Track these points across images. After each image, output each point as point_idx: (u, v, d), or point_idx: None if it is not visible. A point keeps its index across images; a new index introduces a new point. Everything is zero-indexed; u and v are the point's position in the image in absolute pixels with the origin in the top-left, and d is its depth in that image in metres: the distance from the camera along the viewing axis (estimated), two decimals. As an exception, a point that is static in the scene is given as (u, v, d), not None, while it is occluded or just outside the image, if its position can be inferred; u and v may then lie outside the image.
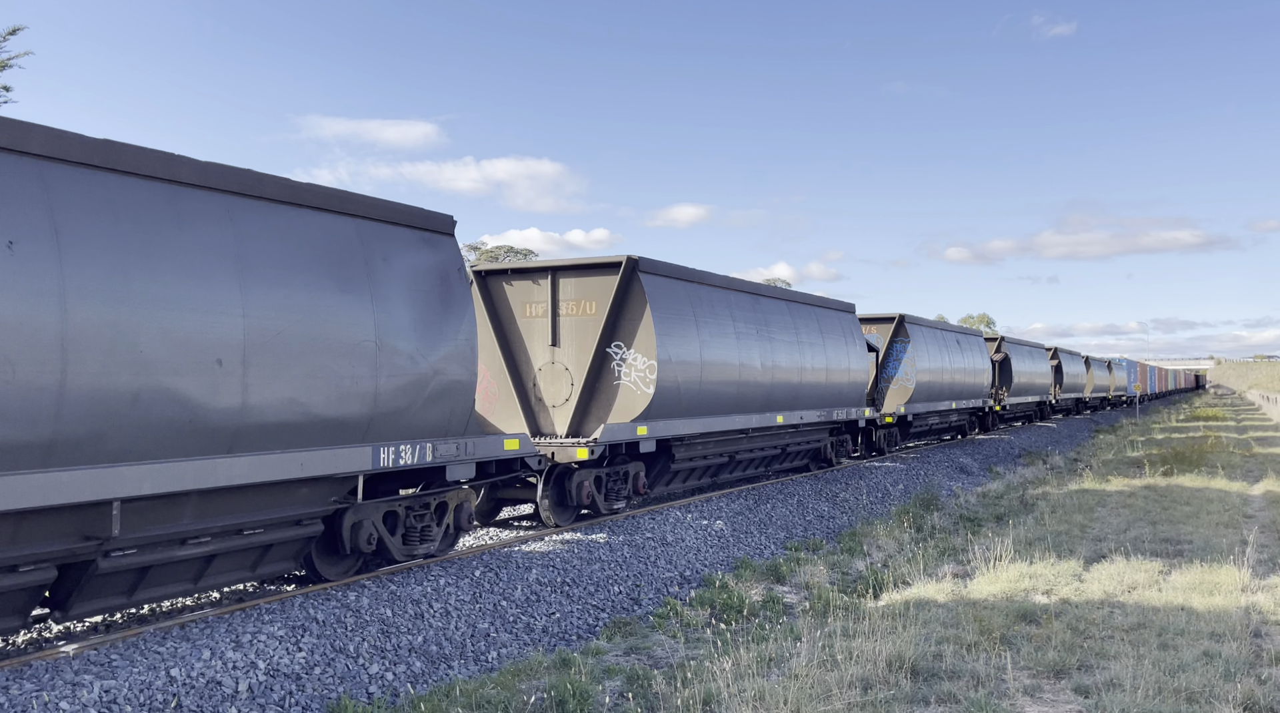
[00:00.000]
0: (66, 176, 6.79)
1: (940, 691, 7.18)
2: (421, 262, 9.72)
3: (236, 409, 7.74)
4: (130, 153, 7.24)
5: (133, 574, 7.78)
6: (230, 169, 8.01)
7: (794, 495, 17.64)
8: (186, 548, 7.95)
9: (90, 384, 6.75)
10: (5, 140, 6.47)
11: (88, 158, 6.94)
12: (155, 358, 7.14)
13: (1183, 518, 15.76)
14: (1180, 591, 10.38)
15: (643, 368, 13.25)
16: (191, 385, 7.40)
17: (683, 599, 11.35)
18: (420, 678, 8.29)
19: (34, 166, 6.62)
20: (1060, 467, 26.97)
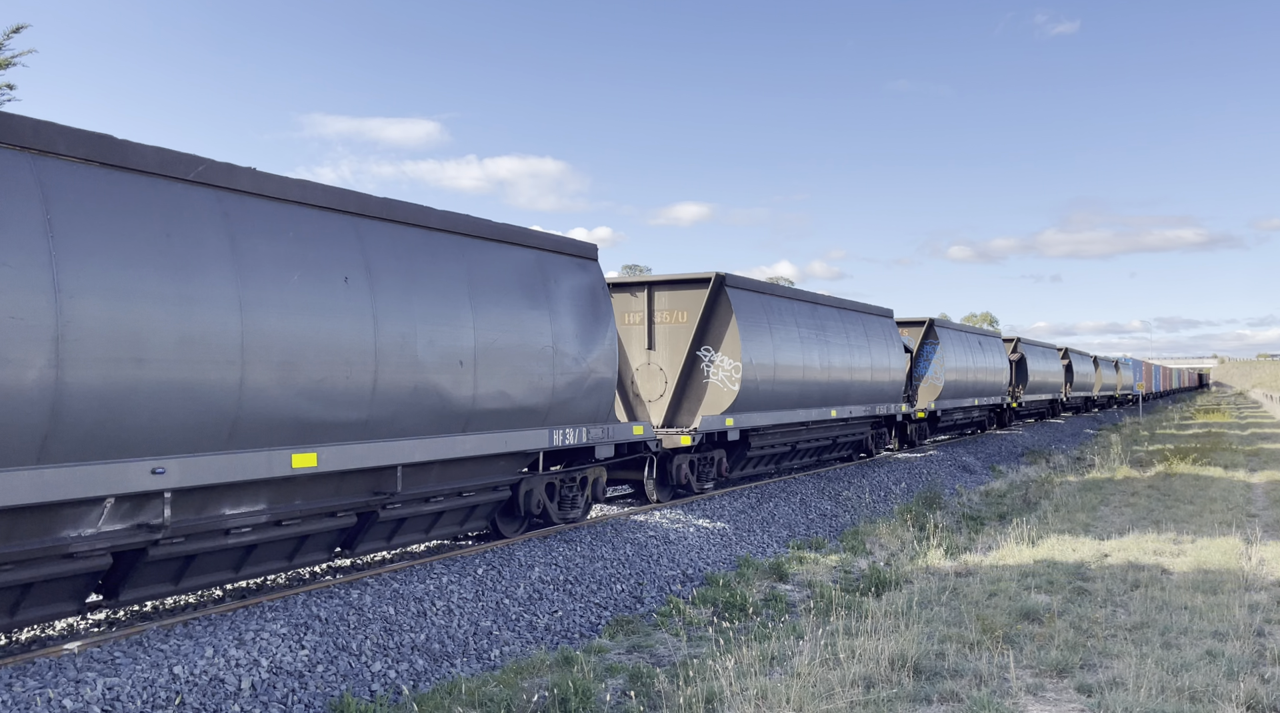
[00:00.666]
0: (370, 227, 9.37)
1: (943, 689, 7.17)
2: (578, 282, 12.11)
3: (470, 399, 10.16)
4: (402, 207, 9.78)
5: (392, 524, 10.10)
6: (463, 216, 10.53)
7: (796, 494, 17.64)
8: (429, 504, 10.31)
9: (390, 380, 9.18)
10: (332, 203, 9.01)
11: (382, 213, 9.52)
12: (425, 361, 9.53)
13: (1186, 516, 15.74)
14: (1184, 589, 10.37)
15: (729, 369, 15.56)
16: (445, 381, 9.80)
17: (685, 598, 11.35)
18: (423, 676, 8.30)
19: (352, 223, 9.15)
20: (1063, 466, 26.94)
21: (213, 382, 7.66)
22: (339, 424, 8.71)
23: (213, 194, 7.95)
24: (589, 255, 12.57)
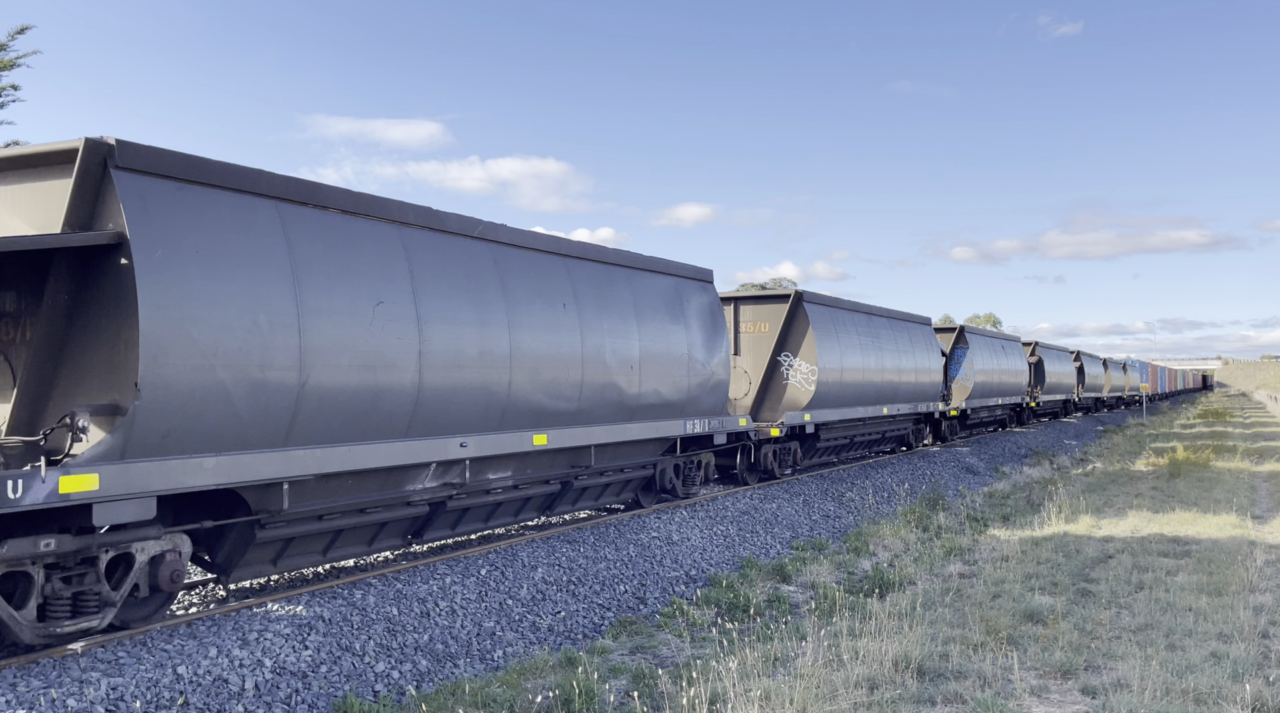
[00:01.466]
0: (576, 265, 12.34)
1: (947, 691, 7.16)
2: (702, 301, 14.95)
3: (636, 395, 13.06)
4: (594, 249, 12.85)
5: (578, 492, 12.93)
6: (631, 254, 13.64)
7: (800, 495, 17.63)
8: (603, 477, 13.17)
9: (591, 379, 12.10)
10: (553, 248, 11.95)
11: (581, 253, 12.52)
12: (610, 365, 12.43)
13: (1190, 519, 15.71)
14: (1188, 591, 10.35)
15: (805, 372, 18.52)
16: (621, 381, 12.70)
17: (689, 599, 11.35)
18: (426, 676, 8.30)
19: (564, 263, 12.12)
20: (1067, 468, 26.90)
21: (495, 382, 10.58)
22: (560, 413, 11.70)
23: (488, 246, 10.87)
24: (708, 279, 15.50)
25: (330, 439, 8.69)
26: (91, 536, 7.21)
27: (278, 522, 8.61)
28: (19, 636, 6.95)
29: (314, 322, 8.40)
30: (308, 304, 8.38)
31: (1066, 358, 45.77)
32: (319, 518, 9.06)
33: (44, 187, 7.43)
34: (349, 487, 9.25)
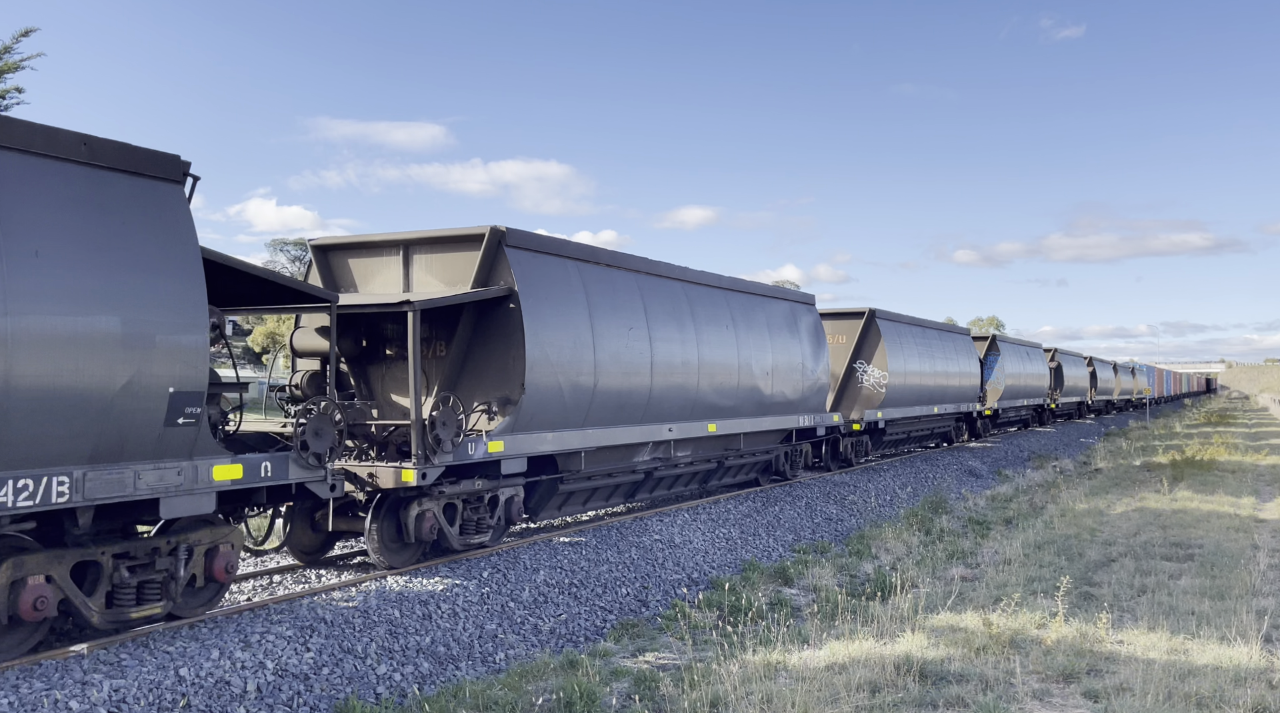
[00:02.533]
0: (733, 296, 16.14)
1: (948, 694, 7.15)
2: (808, 321, 18.78)
3: (769, 394, 16.76)
4: (742, 283, 16.82)
5: (725, 471, 16.59)
6: (764, 285, 17.90)
7: (802, 498, 17.62)
8: (744, 459, 16.93)
9: (742, 383, 15.80)
10: (718, 284, 15.88)
11: (732, 286, 16.32)
12: (754, 372, 16.15)
13: (1193, 521, 15.69)
14: (1191, 594, 10.33)
15: (878, 377, 21.98)
16: (761, 384, 16.49)
17: (690, 601, 11.34)
18: (428, 679, 8.30)
19: (724, 295, 15.90)
20: (1070, 471, 26.87)
21: (688, 384, 14.31)
22: (723, 407, 15.35)
23: (681, 285, 14.76)
24: (812, 302, 19.45)
25: (605, 423, 12.65)
26: (496, 480, 11.23)
27: (572, 479, 12.53)
28: (452, 544, 10.75)
29: (601, 342, 12.33)
30: (597, 330, 12.24)
31: (1081, 363, 49.17)
32: (589, 478, 12.93)
33: (454, 257, 11.34)
34: (605, 457, 13.08)
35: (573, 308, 11.86)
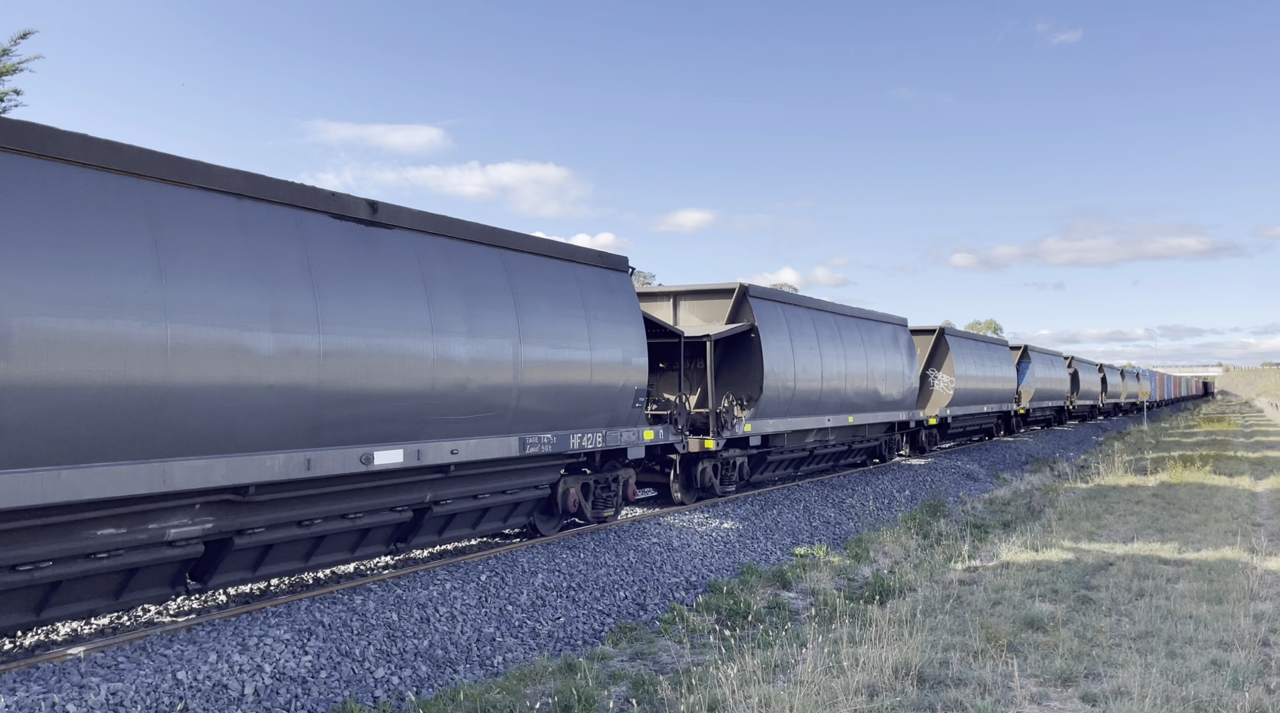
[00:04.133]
0: (862, 323, 21.65)
1: (947, 698, 7.15)
2: (904, 337, 23.55)
3: (884, 394, 21.70)
4: (864, 311, 21.79)
5: (850, 454, 21.79)
6: (875, 311, 22.52)
7: (800, 501, 17.62)
8: (861, 445, 21.99)
9: (868, 386, 20.85)
10: (849, 312, 21.13)
11: (859, 315, 21.46)
12: (874, 376, 21.00)
13: (1191, 525, 15.69)
14: (1189, 598, 10.33)
15: (946, 381, 27.67)
16: (879, 387, 21.31)
17: (688, 605, 11.33)
18: (426, 682, 8.29)
19: (854, 322, 21.08)
20: (1068, 474, 26.90)
21: (842, 387, 19.37)
22: (856, 405, 20.31)
23: (833, 317, 19.89)
24: (905, 324, 24.25)
25: (797, 414, 17.77)
26: (742, 450, 16.68)
27: (775, 454, 17.95)
28: (715, 490, 16.31)
29: (798, 359, 17.65)
30: (795, 351, 17.64)
31: (1094, 369, 55.10)
32: (782, 453, 18.16)
33: (710, 303, 17.03)
34: (792, 439, 18.30)
35: (783, 337, 17.27)
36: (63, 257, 6.75)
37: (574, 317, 11.97)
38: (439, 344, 9.77)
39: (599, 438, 12.43)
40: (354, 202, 9.17)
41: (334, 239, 8.93)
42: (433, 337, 9.70)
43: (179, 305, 7.43)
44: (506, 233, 11.28)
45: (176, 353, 7.39)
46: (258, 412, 8.00)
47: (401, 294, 9.44)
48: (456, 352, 9.98)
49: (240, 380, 7.85)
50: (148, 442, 7.25)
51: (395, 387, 9.25)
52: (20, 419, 6.49)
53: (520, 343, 10.88)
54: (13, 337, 6.41)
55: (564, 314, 11.78)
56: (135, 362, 7.12)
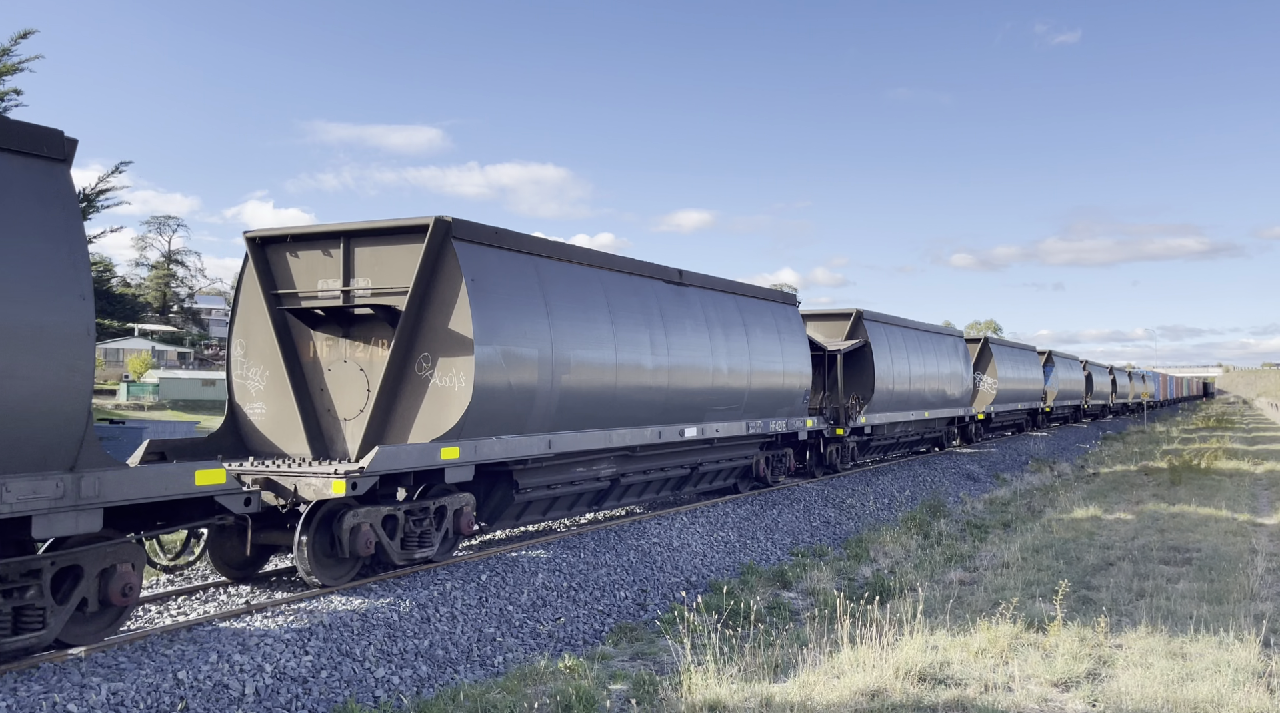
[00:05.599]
0: (935, 337, 27.20)
1: (948, 698, 7.15)
2: (962, 347, 29.07)
3: (948, 393, 27.04)
4: (938, 327, 28.08)
5: (922, 441, 27.71)
6: (943, 326, 29.13)
7: (800, 502, 17.62)
8: (931, 433, 27.84)
9: (935, 386, 25.90)
10: (935, 330, 27.66)
11: (932, 330, 27.00)
12: (943, 378, 26.41)
13: (1191, 525, 15.69)
14: (1190, 598, 10.33)
15: (990, 383, 32.90)
16: (946, 387, 26.86)
17: (689, 605, 11.34)
18: (426, 682, 8.29)
19: (914, 335, 25.28)
20: (1068, 475, 26.90)
21: (921, 389, 24.54)
22: (930, 403, 25.26)
23: (915, 332, 25.02)
24: (961, 336, 29.61)
25: (891, 409, 22.38)
26: (859, 436, 21.37)
27: (877, 440, 22.87)
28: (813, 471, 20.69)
29: (895, 367, 22.33)
30: (893, 360, 21.96)
31: (1104, 371, 61.05)
32: (880, 440, 23.25)
33: (833, 324, 22.05)
34: (886, 429, 22.95)
35: (885, 349, 22.14)
36: (579, 315, 12.04)
37: (772, 339, 16.99)
38: (714, 360, 15.01)
39: (783, 424, 17.57)
40: (673, 271, 14.62)
41: (668, 296, 14.26)
42: (711, 355, 14.93)
43: (621, 341, 12.73)
44: (738, 283, 16.84)
45: (620, 368, 12.71)
46: (643, 404, 13.23)
47: (696, 329, 14.64)
48: (721, 364, 15.17)
49: (640, 383, 13.11)
50: (604, 419, 12.43)
51: (694, 387, 14.42)
52: (571, 404, 11.73)
53: (750, 358, 16.04)
54: (570, 363, 11.63)
55: (768, 338, 16.85)
56: (604, 373, 12.37)
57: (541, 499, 12.06)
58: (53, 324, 6.47)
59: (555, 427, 11.43)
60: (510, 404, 10.58)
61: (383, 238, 10.47)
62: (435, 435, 10.03)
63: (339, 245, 10.66)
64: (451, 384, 10.16)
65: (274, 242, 11.04)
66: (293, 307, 10.73)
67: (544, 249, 11.70)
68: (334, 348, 10.76)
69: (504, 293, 10.64)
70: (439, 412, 10.17)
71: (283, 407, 10.81)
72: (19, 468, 6.35)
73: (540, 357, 11.02)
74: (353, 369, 10.62)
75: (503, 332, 10.44)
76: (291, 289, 10.89)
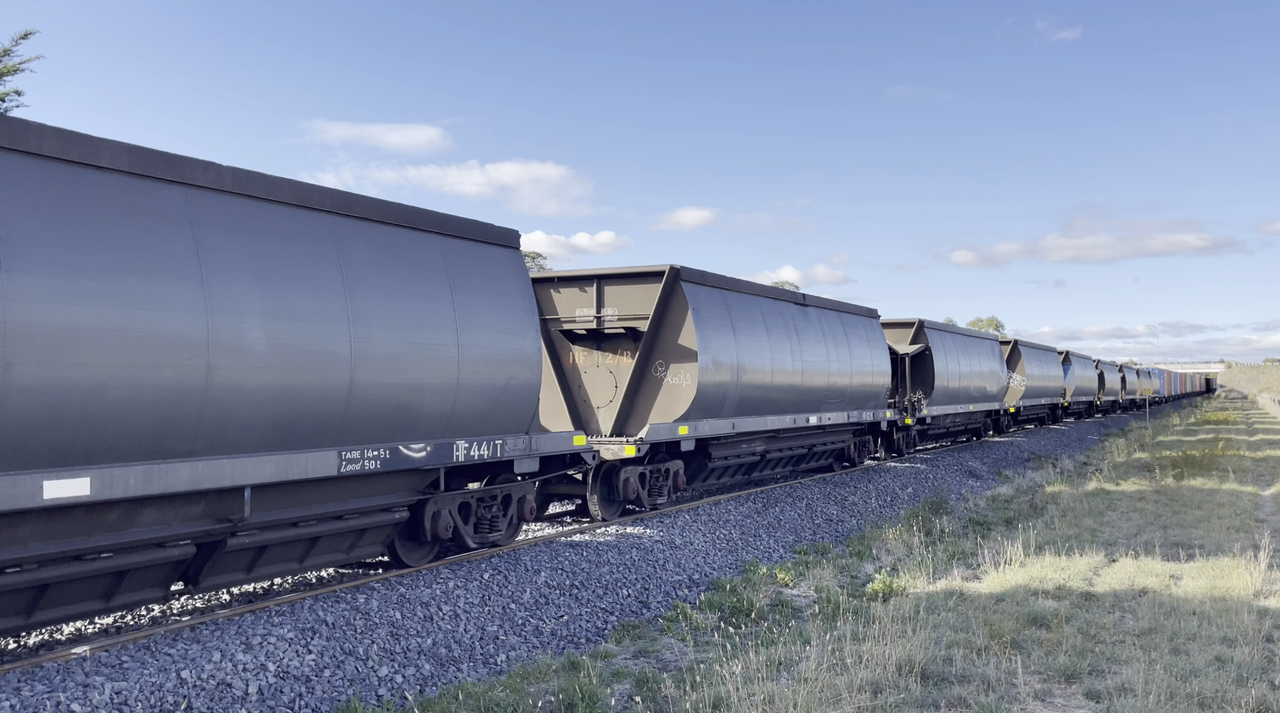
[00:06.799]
0: (977, 341, 31.40)
1: (950, 695, 7.15)
2: (999, 349, 32.57)
3: (985, 390, 30.00)
4: (966, 330, 30.83)
5: (963, 431, 31.62)
6: (972, 330, 32.50)
7: (803, 499, 17.61)
8: (973, 424, 31.30)
9: (979, 385, 29.30)
10: (976, 334, 31.56)
11: (961, 332, 29.93)
12: (981, 375, 29.48)
13: (1194, 522, 15.68)
14: (1192, 595, 10.33)
15: (1019, 380, 36.11)
16: (985, 384, 30.16)
17: (691, 602, 11.33)
18: (429, 681, 8.30)
19: (954, 339, 28.50)
20: (1070, 471, 26.89)
21: (966, 386, 28.02)
22: (971, 398, 29.11)
23: (955, 336, 28.49)
24: (998, 340, 31.20)
25: (947, 402, 26.18)
26: (920, 425, 25.59)
27: (933, 430, 27.16)
28: (884, 454, 25.24)
29: (948, 367, 26.05)
30: (948, 361, 26.10)
31: (1115, 369, 63.82)
32: (936, 429, 27.43)
33: (900, 331, 25.69)
34: (940, 420, 26.45)
35: (941, 352, 25.55)
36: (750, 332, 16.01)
37: (863, 347, 20.36)
38: (828, 364, 18.53)
39: (870, 414, 20.95)
40: (799, 296, 18.51)
41: (797, 315, 17.99)
42: (826, 360, 18.44)
43: (774, 351, 16.36)
44: (840, 302, 20.43)
45: (774, 371, 16.31)
46: (785, 397, 16.85)
47: (816, 340, 18.24)
48: (832, 367, 18.69)
49: (784, 383, 16.76)
50: (762, 408, 16.25)
51: (815, 385, 17.98)
52: (746, 398, 15.65)
53: (850, 362, 19.50)
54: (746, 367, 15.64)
55: (860, 345, 20.30)
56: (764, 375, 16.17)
57: (720, 467, 16.07)
58: (528, 349, 10.68)
59: (736, 414, 15.33)
60: (714, 397, 14.50)
61: (627, 280, 14.44)
62: (668, 420, 13.99)
63: (593, 285, 14.67)
64: (680, 382, 14.07)
65: (540, 282, 14.76)
66: (558, 328, 14.64)
67: (729, 284, 15.63)
68: (588, 357, 14.72)
69: (710, 318, 14.52)
70: (671, 402, 14.13)
71: (550, 399, 14.65)
72: (511, 431, 10.69)
73: (730, 363, 14.86)
74: (604, 372, 14.69)
75: (712, 346, 14.35)
76: (555, 315, 14.73)
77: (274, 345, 7.79)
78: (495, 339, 10.17)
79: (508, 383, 10.37)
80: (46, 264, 6.40)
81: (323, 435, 8.35)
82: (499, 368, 10.22)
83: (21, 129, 6.49)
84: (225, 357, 7.38)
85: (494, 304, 10.27)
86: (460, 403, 9.74)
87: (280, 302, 7.89)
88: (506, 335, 10.34)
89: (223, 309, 7.39)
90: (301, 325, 8.06)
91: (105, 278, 6.69)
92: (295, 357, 7.97)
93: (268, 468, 7.86)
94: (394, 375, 8.90)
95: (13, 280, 6.21)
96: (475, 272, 10.21)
